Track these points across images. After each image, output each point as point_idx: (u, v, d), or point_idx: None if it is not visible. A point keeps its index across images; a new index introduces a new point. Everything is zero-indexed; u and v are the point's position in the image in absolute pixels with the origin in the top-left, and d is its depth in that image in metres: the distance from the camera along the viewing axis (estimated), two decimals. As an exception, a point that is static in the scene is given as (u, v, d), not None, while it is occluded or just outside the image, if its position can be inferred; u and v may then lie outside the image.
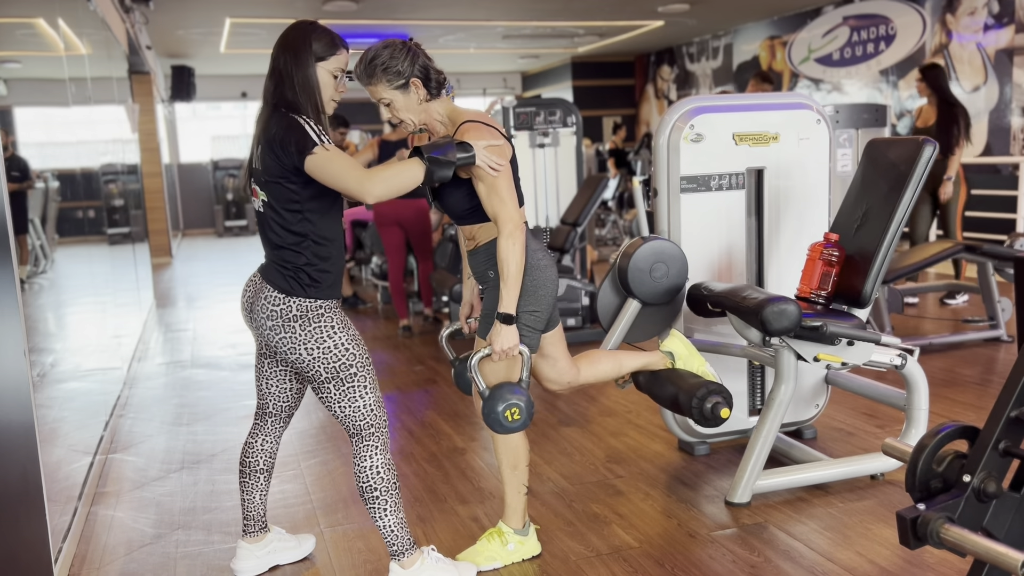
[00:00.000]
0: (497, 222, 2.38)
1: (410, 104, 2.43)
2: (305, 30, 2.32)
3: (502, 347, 2.40)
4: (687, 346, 2.95)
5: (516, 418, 2.42)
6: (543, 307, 2.52)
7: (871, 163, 3.13)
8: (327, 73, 2.32)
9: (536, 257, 2.51)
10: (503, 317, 2.40)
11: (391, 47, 2.38)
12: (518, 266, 2.37)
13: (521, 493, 2.65)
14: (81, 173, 5.06)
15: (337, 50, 2.32)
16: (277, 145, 2.23)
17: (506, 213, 2.36)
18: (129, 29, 8.26)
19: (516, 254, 2.36)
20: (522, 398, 2.43)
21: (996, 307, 5.18)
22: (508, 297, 2.39)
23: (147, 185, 10.66)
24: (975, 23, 8.65)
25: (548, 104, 6.05)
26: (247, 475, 2.65)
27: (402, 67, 2.37)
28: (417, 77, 2.40)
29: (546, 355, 2.70)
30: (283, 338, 2.32)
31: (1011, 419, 1.59)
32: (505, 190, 2.36)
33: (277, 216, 2.31)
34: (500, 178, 2.36)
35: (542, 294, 2.51)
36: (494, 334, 2.41)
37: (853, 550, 2.67)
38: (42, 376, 3.13)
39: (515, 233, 2.36)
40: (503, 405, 2.41)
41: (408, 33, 11.44)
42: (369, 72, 2.39)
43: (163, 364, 5.61)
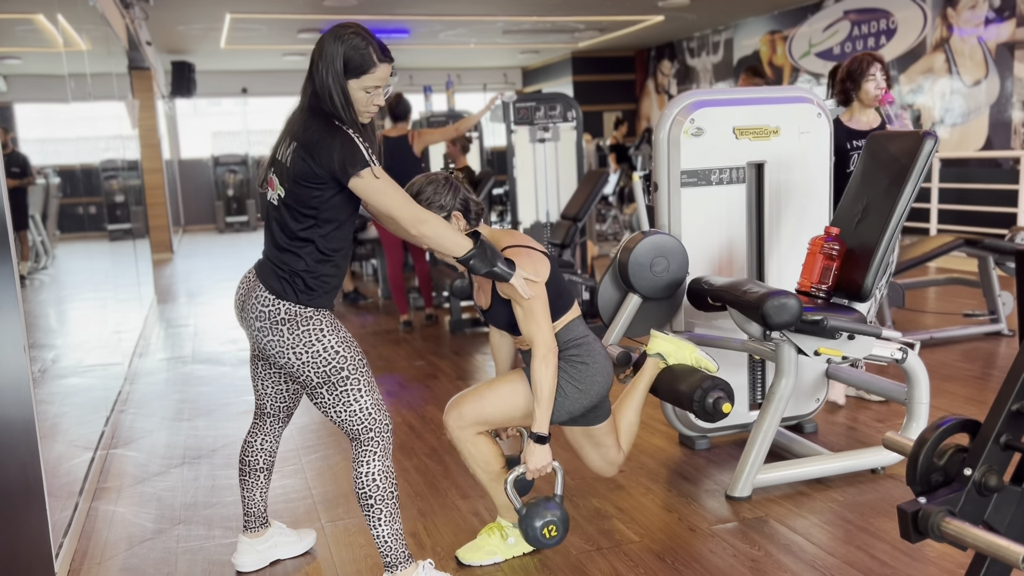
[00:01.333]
0: (532, 344, 2.44)
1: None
2: (341, 39, 2.22)
3: (536, 466, 2.45)
4: (671, 342, 2.95)
5: (553, 535, 2.46)
6: (592, 393, 2.57)
7: (872, 157, 3.12)
8: (359, 89, 2.25)
9: (596, 347, 2.59)
10: (536, 437, 2.44)
11: (435, 183, 2.47)
12: (551, 388, 2.43)
13: (502, 490, 2.65)
14: (81, 169, 5.06)
15: (371, 68, 2.23)
16: (318, 149, 2.18)
17: (540, 336, 2.42)
18: (129, 25, 8.25)
19: (549, 377, 2.42)
20: (557, 513, 2.46)
21: (997, 301, 5.18)
22: (541, 417, 2.44)
23: (148, 181, 10.65)
24: (976, 17, 8.63)
25: (548, 99, 6.05)
26: (247, 473, 2.64)
27: (444, 201, 2.47)
28: (458, 210, 2.49)
29: (599, 444, 2.74)
30: (271, 340, 2.29)
31: (1012, 412, 1.59)
32: (540, 313, 2.42)
33: (290, 216, 2.28)
34: (535, 301, 2.42)
35: (598, 380, 2.57)
36: (528, 453, 2.46)
37: (854, 544, 2.67)
38: (43, 372, 3.14)
39: (548, 356, 2.42)
40: (541, 522, 2.45)
41: (408, 28, 11.43)
42: None
43: (164, 360, 5.62)
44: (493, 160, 9.88)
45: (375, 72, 2.25)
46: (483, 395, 2.55)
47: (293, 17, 10.41)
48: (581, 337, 2.57)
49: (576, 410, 2.56)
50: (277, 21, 10.64)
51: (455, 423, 2.54)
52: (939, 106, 9.16)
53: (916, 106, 9.45)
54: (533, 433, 2.44)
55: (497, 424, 2.58)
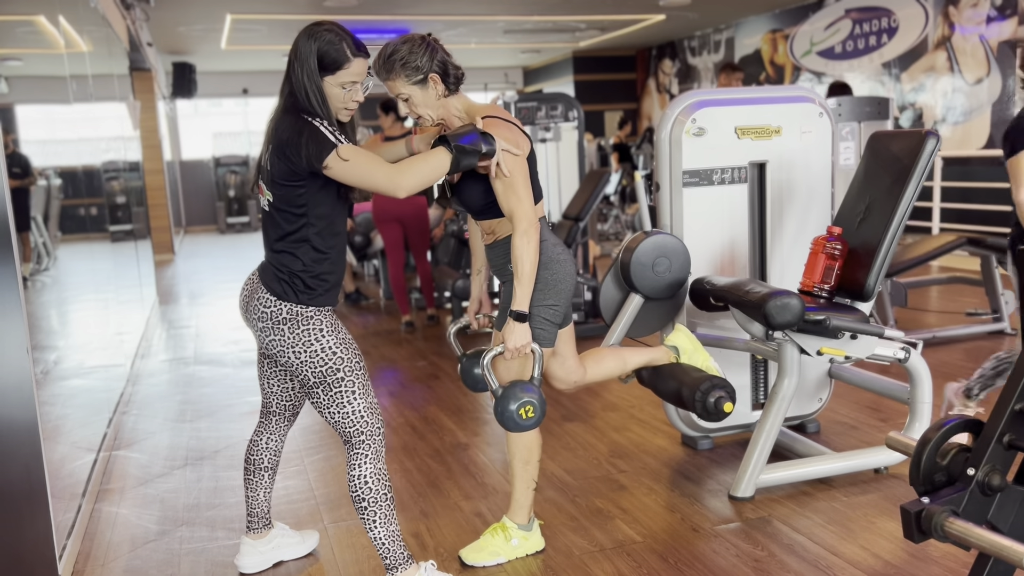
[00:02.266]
0: (512, 219, 2.37)
1: (428, 99, 2.42)
2: (313, 36, 2.22)
3: (515, 344, 2.40)
4: (692, 340, 2.94)
5: (530, 416, 2.42)
6: (562, 301, 2.51)
7: (874, 156, 3.12)
8: (335, 86, 2.24)
9: (556, 251, 2.50)
10: (516, 315, 2.39)
11: (410, 42, 2.36)
12: (532, 264, 2.36)
13: (530, 489, 2.64)
14: (83, 170, 5.06)
15: (346, 63, 2.23)
16: (288, 148, 2.18)
17: (521, 211, 2.35)
18: (130, 26, 8.26)
19: (531, 252, 2.35)
20: (535, 395, 2.43)
21: (1000, 300, 5.17)
22: (522, 295, 2.38)
23: (149, 182, 10.66)
24: (978, 15, 8.62)
25: (550, 99, 6.04)
26: (252, 473, 2.65)
27: (421, 62, 2.36)
28: (436, 72, 2.39)
29: (557, 353, 2.68)
30: (273, 340, 2.31)
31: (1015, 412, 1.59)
32: (521, 187, 2.36)
33: (280, 218, 2.29)
34: (517, 175, 2.35)
35: (561, 288, 2.50)
36: (507, 332, 2.40)
37: (857, 544, 2.67)
38: (45, 373, 3.14)
39: (529, 231, 2.35)
40: (516, 403, 2.41)
41: (409, 29, 11.43)
42: (388, 67, 2.37)
43: (166, 361, 5.62)
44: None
45: (350, 67, 2.24)
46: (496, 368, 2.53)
47: (293, 18, 10.41)
48: (542, 241, 2.47)
49: (558, 320, 2.51)
50: (277, 22, 10.64)
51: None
52: (941, 104, 9.15)
53: (918, 105, 9.44)
54: (513, 311, 2.39)
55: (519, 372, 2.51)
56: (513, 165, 2.34)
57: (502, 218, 2.46)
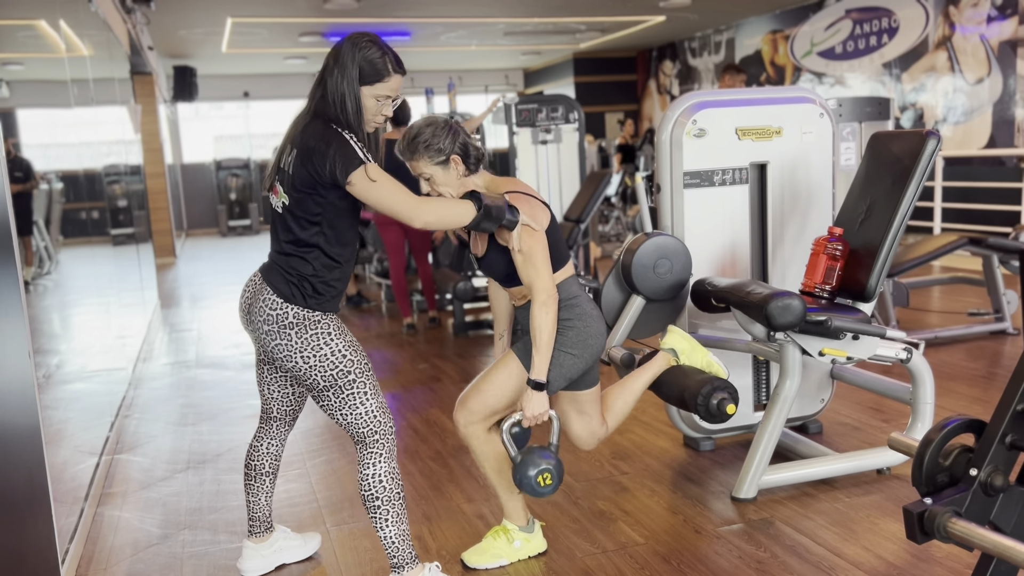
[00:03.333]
0: (531, 290, 2.42)
1: (449, 179, 2.47)
2: (358, 46, 2.24)
3: (533, 413, 2.43)
4: (688, 340, 2.94)
5: (548, 483, 2.44)
6: (586, 356, 2.53)
7: (875, 157, 3.12)
8: (371, 97, 2.27)
9: (588, 307, 2.54)
10: (534, 384, 2.43)
11: (433, 126, 2.44)
12: (550, 334, 2.41)
13: (514, 492, 2.64)
14: (84, 174, 5.07)
15: (386, 77, 2.26)
16: (315, 156, 2.19)
17: (540, 282, 2.40)
18: (131, 30, 8.27)
19: (549, 322, 2.40)
20: (551, 462, 2.45)
21: (1001, 300, 5.17)
22: (540, 363, 2.42)
23: (150, 185, 10.67)
24: (978, 15, 8.62)
25: (550, 100, 6.05)
26: (252, 478, 2.65)
27: (443, 145, 2.43)
28: (457, 154, 2.45)
29: (583, 412, 2.70)
30: (279, 344, 2.30)
31: (1018, 413, 1.59)
32: (540, 259, 2.40)
33: (294, 223, 2.29)
34: (535, 247, 2.40)
35: (590, 344, 2.53)
36: (525, 400, 2.44)
37: (860, 545, 2.67)
38: (47, 377, 3.14)
39: (548, 302, 2.40)
40: (535, 471, 2.43)
41: (409, 31, 11.44)
42: (412, 148, 2.44)
43: (168, 364, 5.62)
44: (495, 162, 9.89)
45: (389, 82, 2.28)
46: (482, 387, 2.54)
47: (294, 21, 10.42)
48: (573, 297, 2.52)
49: (572, 374, 2.53)
50: (278, 25, 10.66)
51: (465, 420, 2.54)
52: (942, 104, 9.15)
53: (919, 105, 9.44)
54: (531, 380, 2.42)
55: (504, 410, 2.56)
56: (530, 240, 2.39)
57: None
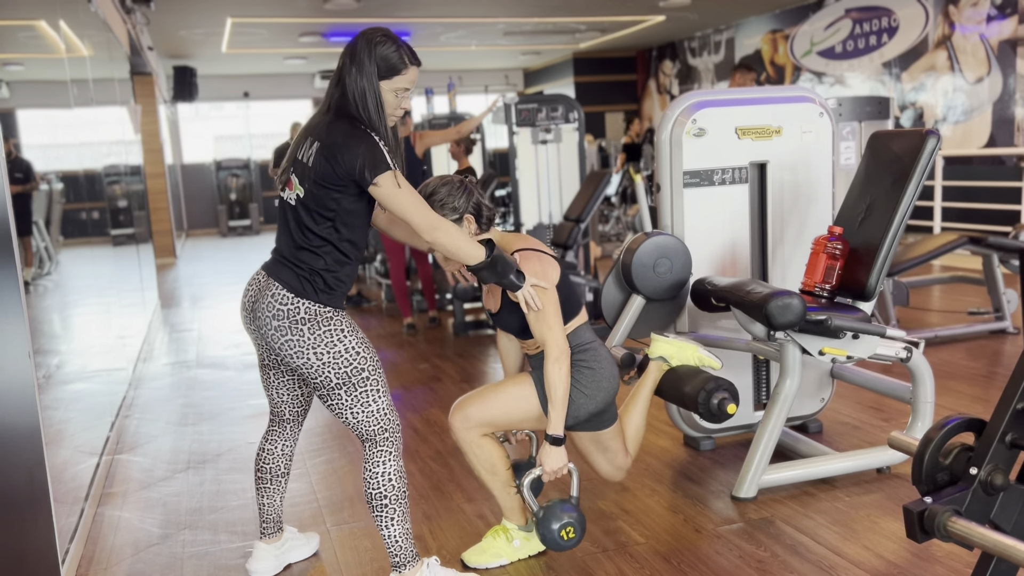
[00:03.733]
0: (544, 347, 2.45)
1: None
2: (372, 42, 2.25)
3: (552, 468, 2.46)
4: (672, 344, 2.94)
5: (571, 537, 2.46)
6: (599, 399, 2.57)
7: (874, 156, 3.12)
8: (390, 92, 2.28)
9: (602, 351, 2.59)
10: (552, 439, 2.45)
11: (449, 185, 2.50)
12: (565, 389, 2.44)
13: (510, 493, 2.65)
14: (84, 174, 5.07)
15: (403, 68, 2.28)
16: (339, 153, 2.20)
17: (552, 339, 2.43)
18: (130, 30, 8.27)
19: (563, 379, 2.43)
20: (574, 515, 2.47)
21: (1001, 299, 5.17)
22: (556, 419, 2.44)
23: (150, 186, 10.67)
24: (978, 14, 8.62)
25: (550, 100, 6.04)
26: (267, 480, 2.63)
27: (457, 204, 2.49)
28: (470, 213, 2.51)
29: (607, 449, 2.74)
30: (289, 340, 2.27)
31: (1018, 411, 1.59)
32: (552, 316, 2.44)
33: (308, 216, 2.28)
34: (546, 304, 2.43)
35: (604, 386, 2.57)
36: (544, 455, 2.46)
37: (860, 544, 2.67)
38: (48, 378, 3.14)
39: (561, 358, 2.43)
40: (558, 524, 2.45)
41: (409, 31, 11.44)
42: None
43: (168, 364, 5.62)
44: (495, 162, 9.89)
45: (406, 74, 2.29)
46: (489, 397, 2.55)
47: (294, 21, 10.42)
48: (588, 343, 2.57)
49: (583, 415, 2.56)
50: (278, 25, 10.66)
51: (461, 424, 2.55)
52: (942, 104, 9.15)
53: (919, 104, 9.44)
54: (549, 435, 2.45)
55: (502, 427, 2.58)
56: (543, 297, 2.43)
57: None
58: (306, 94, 15.45)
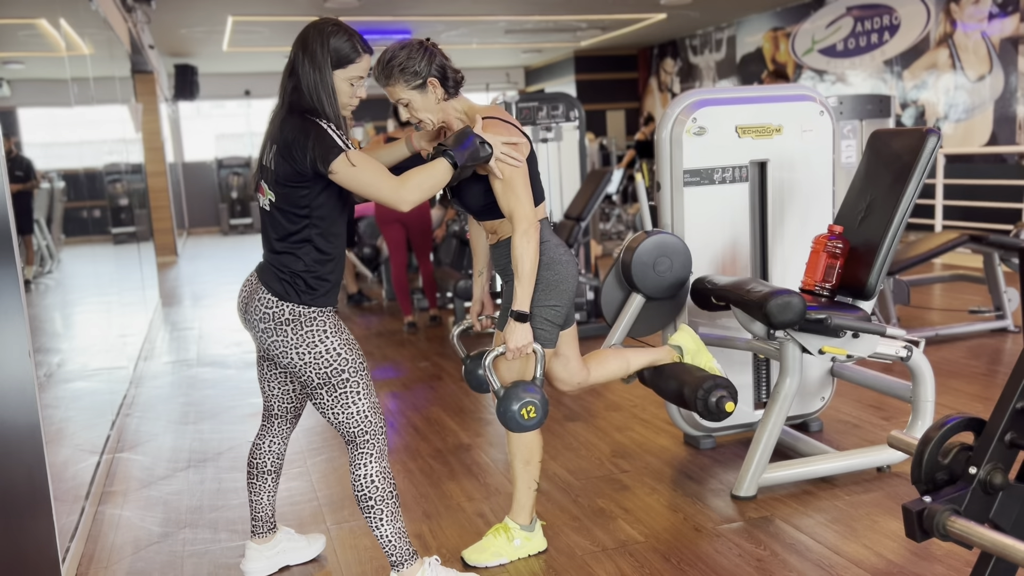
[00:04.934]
0: (512, 219, 2.38)
1: (428, 103, 2.44)
2: (324, 32, 2.23)
3: (516, 344, 2.41)
4: (696, 341, 2.94)
5: (532, 416, 2.43)
6: (563, 302, 2.52)
7: (875, 154, 3.12)
8: (344, 81, 2.26)
9: (557, 252, 2.51)
10: (517, 315, 2.40)
11: (408, 48, 2.39)
12: (532, 264, 2.38)
13: (531, 489, 2.64)
14: (85, 173, 5.07)
15: (356, 57, 2.26)
16: (295, 148, 2.19)
17: (521, 211, 2.37)
18: (131, 28, 8.27)
19: (531, 252, 2.37)
20: (536, 396, 2.44)
21: (1002, 297, 5.16)
22: (522, 295, 2.39)
23: (151, 184, 10.67)
24: (980, 12, 8.61)
25: (551, 99, 6.04)
26: (255, 476, 2.64)
27: (419, 67, 2.38)
28: (435, 76, 2.41)
29: (560, 354, 2.69)
30: (275, 341, 2.30)
31: (1017, 410, 1.59)
32: (521, 188, 2.37)
33: (282, 218, 2.29)
34: (516, 176, 2.36)
35: (563, 289, 2.50)
36: (508, 332, 2.41)
37: (860, 543, 2.67)
38: (49, 376, 3.14)
39: (530, 231, 2.36)
40: (518, 403, 2.42)
41: (410, 29, 11.44)
42: (387, 73, 2.40)
43: (169, 363, 5.63)
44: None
45: (359, 63, 2.27)
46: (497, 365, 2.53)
47: (295, 19, 10.41)
48: (543, 242, 2.49)
49: (560, 321, 2.51)
50: (279, 23, 10.65)
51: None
52: (943, 102, 9.14)
53: (920, 102, 9.43)
54: (514, 311, 2.40)
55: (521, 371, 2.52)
56: (510, 170, 2.36)
57: (504, 218, 2.47)
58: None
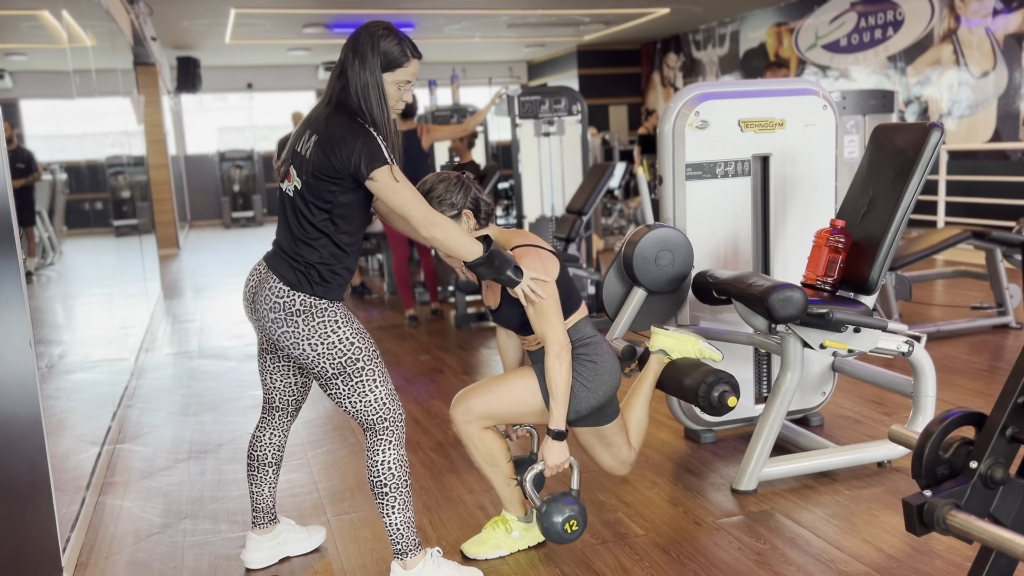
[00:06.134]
0: (544, 342, 2.44)
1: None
2: (375, 36, 2.26)
3: (554, 463, 2.47)
4: (672, 337, 2.94)
5: (575, 529, 2.47)
6: (600, 393, 2.57)
7: (878, 149, 3.11)
8: (392, 84, 2.29)
9: (603, 347, 2.58)
10: (554, 434, 2.45)
11: (446, 181, 2.50)
12: (566, 385, 2.44)
13: (510, 485, 2.65)
14: (87, 165, 5.07)
15: (405, 61, 2.29)
16: (339, 146, 2.21)
17: (553, 334, 2.42)
18: (134, 20, 8.26)
19: (564, 373, 2.42)
20: (575, 508, 2.48)
21: (1004, 294, 5.16)
22: (558, 414, 2.45)
23: (153, 177, 10.67)
24: (984, 8, 8.58)
25: (553, 93, 6.03)
26: (255, 468, 2.65)
27: (455, 199, 2.49)
28: (469, 208, 2.51)
29: (610, 444, 2.74)
30: (285, 332, 2.30)
31: (1018, 405, 1.58)
32: (552, 313, 2.43)
33: (306, 208, 2.29)
34: (547, 300, 2.43)
35: (606, 379, 2.57)
36: (545, 450, 2.47)
37: (860, 537, 2.67)
38: (50, 367, 3.15)
39: (562, 353, 2.42)
40: (561, 518, 2.46)
41: (413, 22, 11.42)
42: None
43: (170, 355, 5.63)
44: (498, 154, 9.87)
45: (408, 67, 2.31)
46: (492, 390, 2.55)
47: (298, 12, 10.40)
48: (589, 337, 2.57)
49: (584, 409, 2.56)
50: (282, 16, 10.64)
51: (462, 417, 2.55)
52: (947, 98, 9.12)
53: (923, 98, 9.41)
54: (551, 430, 2.46)
55: (504, 419, 2.59)
56: (542, 292, 2.41)
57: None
58: (310, 85, 15.42)
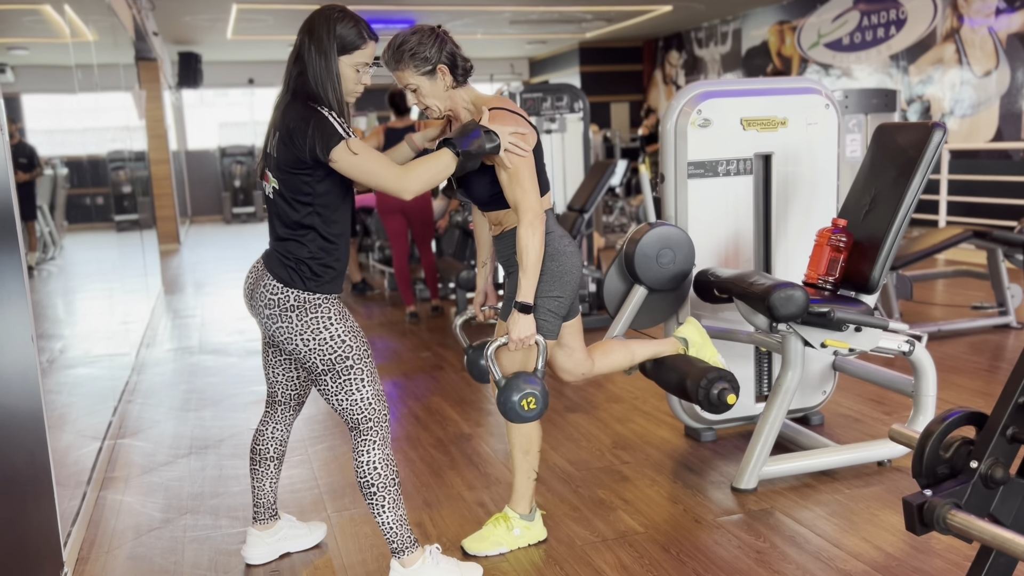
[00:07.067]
0: (517, 210, 2.38)
1: (436, 90, 2.43)
2: (330, 19, 2.23)
3: (519, 336, 2.41)
4: (702, 334, 2.94)
5: (532, 407, 2.44)
6: (567, 293, 2.52)
7: (880, 148, 3.11)
8: (349, 67, 2.26)
9: (562, 243, 2.51)
10: (521, 306, 2.40)
11: (419, 33, 2.38)
12: (537, 255, 2.37)
13: (531, 479, 2.65)
14: (89, 160, 5.07)
15: (362, 44, 2.26)
16: (295, 135, 2.19)
17: (527, 202, 2.36)
18: (136, 15, 8.25)
19: (536, 243, 2.36)
20: (537, 387, 2.44)
21: (1006, 293, 5.16)
22: (527, 286, 2.39)
23: (155, 172, 10.67)
24: (987, 7, 8.57)
25: (555, 90, 6.03)
26: (257, 463, 2.65)
27: (429, 53, 2.37)
28: (444, 64, 2.40)
29: (564, 344, 2.69)
30: (280, 327, 2.31)
31: (1019, 405, 1.59)
32: (527, 179, 2.37)
33: (286, 205, 2.29)
34: (522, 166, 2.36)
35: (567, 280, 2.51)
36: (511, 323, 2.42)
37: (859, 536, 2.67)
38: (51, 362, 3.15)
39: (535, 222, 2.36)
40: (519, 395, 2.43)
41: (414, 18, 11.41)
42: (396, 58, 2.39)
43: (171, 350, 5.64)
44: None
45: (365, 49, 2.27)
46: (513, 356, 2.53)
47: (299, 7, 10.39)
48: (547, 233, 2.48)
49: (562, 312, 2.52)
50: (283, 12, 10.63)
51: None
52: (949, 97, 9.11)
53: (926, 97, 9.40)
54: (518, 302, 2.40)
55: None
56: (518, 160, 2.36)
57: (509, 209, 2.47)
58: (311, 81, 15.40)
